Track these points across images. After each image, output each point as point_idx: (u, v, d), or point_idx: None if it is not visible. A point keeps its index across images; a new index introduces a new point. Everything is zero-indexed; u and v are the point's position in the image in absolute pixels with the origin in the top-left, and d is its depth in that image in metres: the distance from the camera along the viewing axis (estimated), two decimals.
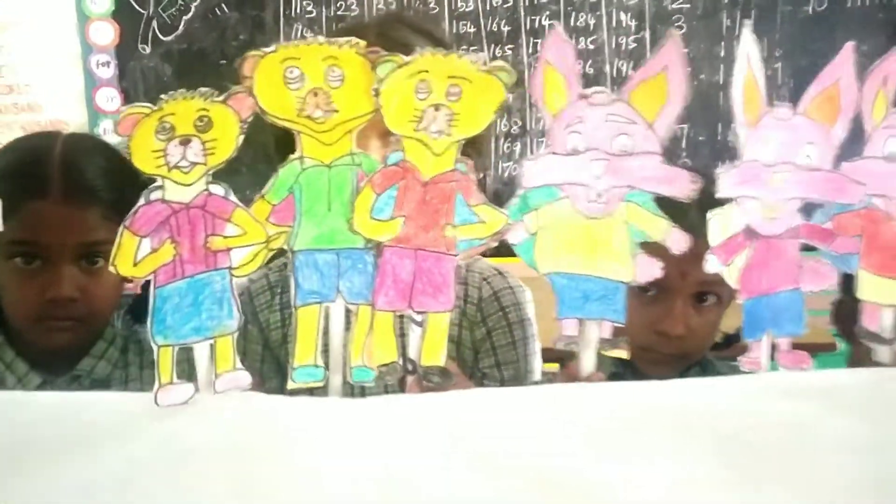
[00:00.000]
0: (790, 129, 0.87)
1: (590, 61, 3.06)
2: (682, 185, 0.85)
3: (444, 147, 0.83)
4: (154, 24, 2.95)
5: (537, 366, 1.28)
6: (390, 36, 1.15)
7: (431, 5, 3.04)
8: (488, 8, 3.07)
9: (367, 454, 0.77)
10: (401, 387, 0.89)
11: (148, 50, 2.96)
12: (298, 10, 3.02)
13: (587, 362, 0.91)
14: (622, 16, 3.08)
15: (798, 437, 0.83)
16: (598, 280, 0.88)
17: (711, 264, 0.87)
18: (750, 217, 0.88)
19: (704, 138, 3.09)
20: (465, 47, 3.11)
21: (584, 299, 0.89)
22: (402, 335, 0.86)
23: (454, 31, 3.07)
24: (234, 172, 0.82)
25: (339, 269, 0.84)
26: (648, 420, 0.85)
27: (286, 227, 0.82)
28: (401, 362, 0.86)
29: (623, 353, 0.91)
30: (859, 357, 0.96)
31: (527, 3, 3.06)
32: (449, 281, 0.85)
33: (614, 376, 1.12)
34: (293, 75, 0.80)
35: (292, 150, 0.82)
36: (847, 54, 0.88)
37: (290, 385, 0.84)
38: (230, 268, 0.82)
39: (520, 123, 3.06)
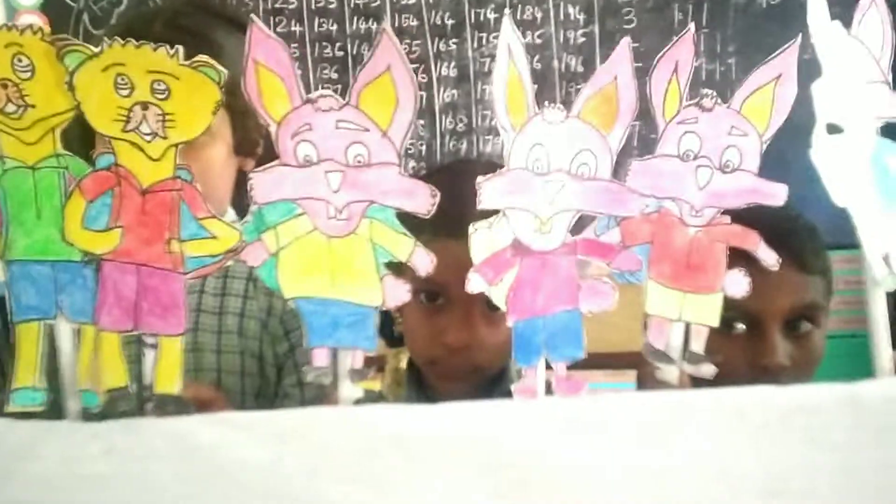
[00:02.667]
0: (563, 133, 0.79)
1: (537, 56, 2.98)
2: (423, 200, 0.78)
3: (160, 151, 0.77)
4: (85, 16, 2.88)
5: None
6: (180, 24, 1.08)
7: None
8: (431, 1, 2.99)
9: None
10: (140, 414, 0.82)
11: None
12: (235, 3, 2.95)
13: (345, 393, 0.83)
14: (570, 9, 2.99)
15: (566, 464, 0.79)
16: (348, 305, 0.81)
17: (475, 283, 0.79)
18: (519, 231, 0.80)
19: (656, 136, 2.99)
20: (407, 41, 3.05)
21: (334, 326, 0.81)
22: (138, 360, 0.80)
23: (396, 24, 2.99)
24: None
25: (55, 282, 0.77)
26: (408, 446, 0.80)
27: None
28: (134, 388, 0.80)
29: (374, 385, 0.84)
30: (645, 378, 0.88)
31: None
32: (179, 301, 0.78)
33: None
34: None
35: None
36: (623, 51, 0.81)
37: (10, 408, 0.78)
38: None
39: (465, 121, 2.98)
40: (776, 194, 0.84)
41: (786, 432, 0.81)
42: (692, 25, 0.83)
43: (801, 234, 0.95)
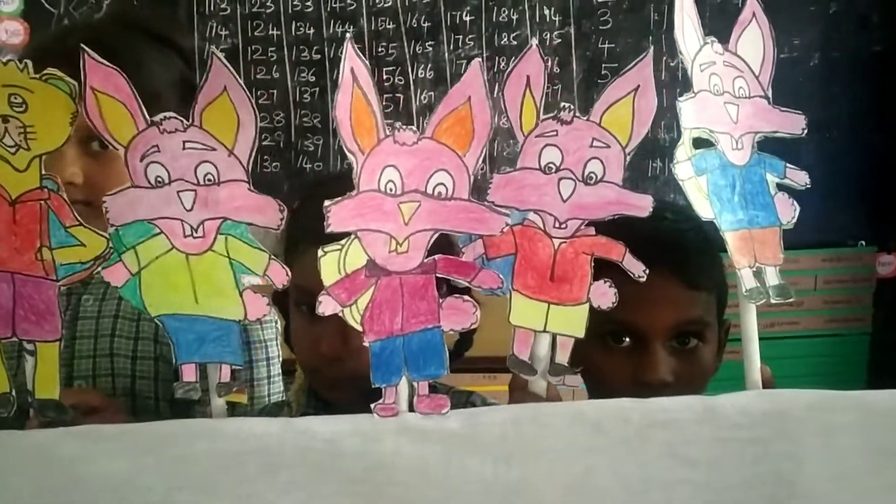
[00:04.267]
0: (415, 154, 0.80)
1: (513, 58, 2.96)
2: (272, 215, 0.79)
3: (25, 162, 0.79)
4: (65, 23, 2.91)
5: (269, 391, 1.21)
6: (99, 41, 1.08)
7: (348, 1, 2.98)
8: (407, 4, 2.99)
9: None
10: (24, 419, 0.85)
11: None
12: (212, 8, 2.96)
13: (218, 408, 0.84)
14: (545, 10, 2.98)
15: (426, 478, 0.81)
16: (212, 320, 0.82)
17: (326, 305, 0.79)
18: (374, 252, 0.80)
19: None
20: (384, 44, 3.05)
21: (200, 342, 0.82)
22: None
23: (373, 27, 3.00)
24: None
25: None
26: (272, 457, 0.82)
27: None
28: (14, 395, 0.82)
29: (241, 398, 0.85)
30: (515, 389, 0.88)
31: None
32: (53, 308, 0.81)
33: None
34: None
35: None
36: (474, 71, 0.81)
37: None
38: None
39: None
40: (641, 205, 0.84)
41: (645, 446, 0.81)
42: (535, 41, 0.82)
43: (690, 250, 0.94)
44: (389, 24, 2.97)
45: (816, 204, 3.27)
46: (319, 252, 0.79)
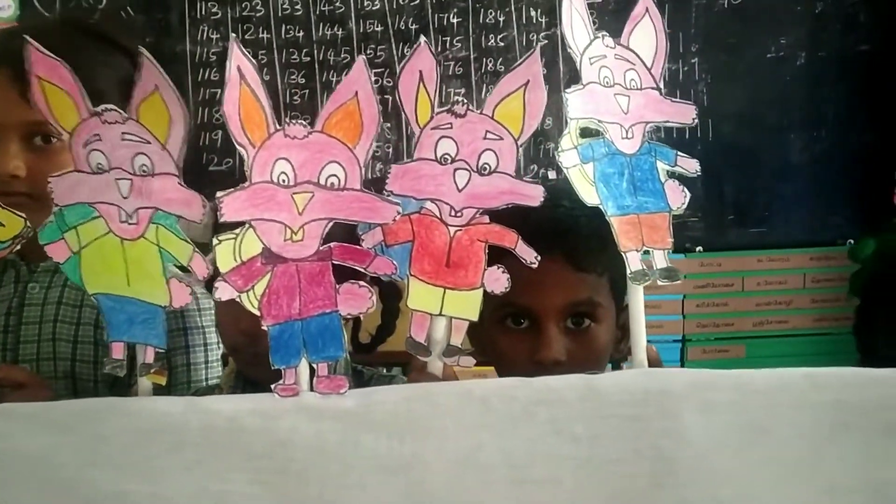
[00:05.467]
0: (307, 147, 0.84)
1: (500, 59, 3.00)
2: (196, 209, 0.84)
3: None
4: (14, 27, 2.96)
5: (206, 375, 1.25)
6: (48, 44, 1.13)
7: (337, 4, 3.02)
8: (395, 6, 3.03)
9: None
10: None
11: None
12: (204, 12, 3.02)
13: (144, 387, 0.89)
14: (532, 12, 3.01)
15: (323, 455, 0.85)
16: (141, 303, 0.87)
17: (222, 291, 0.84)
18: (269, 240, 0.84)
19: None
20: (373, 46, 3.09)
21: (130, 322, 0.88)
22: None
23: (361, 30, 3.04)
24: None
25: None
26: (178, 435, 0.86)
27: None
28: None
29: (160, 379, 0.89)
30: (413, 369, 0.92)
31: (434, 1, 3.02)
32: None
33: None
34: None
35: None
36: (360, 67, 0.85)
37: None
38: None
39: None
40: (532, 195, 0.88)
41: (530, 423, 0.85)
42: (422, 37, 0.86)
43: (581, 235, 0.98)
44: (377, 27, 3.01)
45: (805, 203, 3.29)
46: (214, 240, 0.83)
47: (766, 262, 3.00)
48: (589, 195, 0.89)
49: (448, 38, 2.97)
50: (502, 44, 2.99)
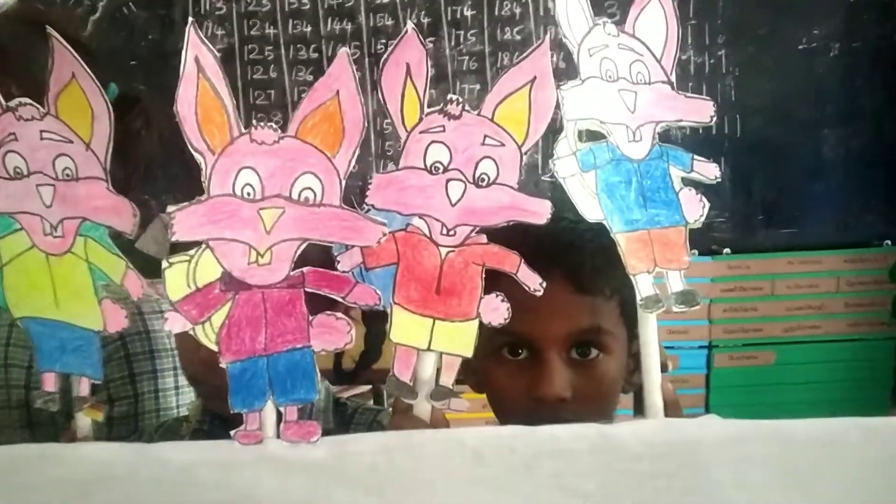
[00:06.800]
0: (276, 155, 0.72)
1: (517, 53, 2.87)
2: (127, 218, 0.73)
3: None
4: None
5: (177, 402, 1.14)
6: None
7: None
8: None
9: None
10: None
11: None
12: (208, 7, 2.93)
13: (83, 426, 0.78)
14: (550, 3, 2.88)
15: None
16: (72, 328, 0.76)
17: (173, 322, 0.72)
18: (230, 263, 0.72)
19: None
20: (383, 41, 2.99)
21: (62, 350, 0.77)
22: None
23: (371, 24, 2.93)
24: None
25: None
26: (122, 488, 0.75)
27: None
28: None
29: (98, 415, 0.78)
30: (397, 413, 0.80)
31: None
32: None
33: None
34: None
35: None
36: (342, 61, 0.72)
37: None
38: None
39: None
40: (539, 211, 0.75)
41: (531, 478, 0.73)
42: (410, 24, 0.74)
43: (586, 253, 0.85)
44: (388, 21, 2.91)
45: (838, 202, 3.15)
46: (164, 264, 0.71)
47: (797, 264, 2.87)
48: (591, 209, 0.77)
49: (462, 32, 2.85)
50: (519, 37, 2.87)
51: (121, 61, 2.94)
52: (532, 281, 0.76)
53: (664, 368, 0.80)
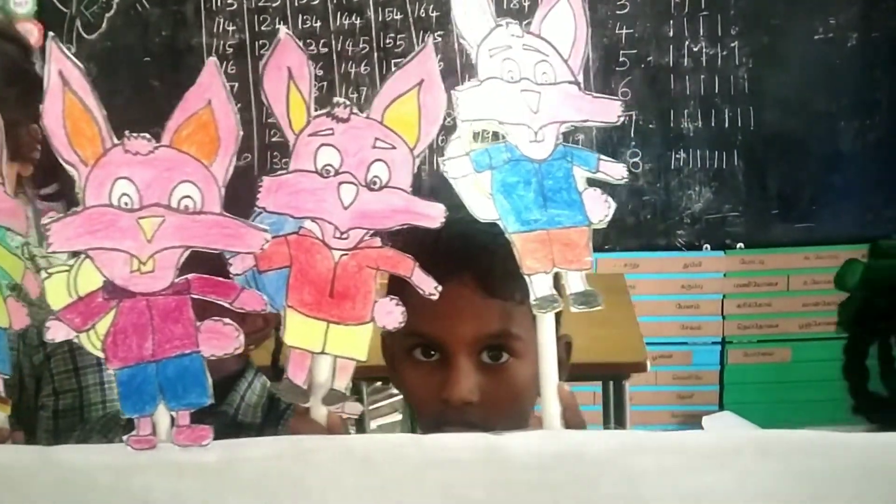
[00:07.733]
0: (152, 164, 0.72)
1: None
2: (21, 221, 0.75)
3: None
4: (77, 22, 2.93)
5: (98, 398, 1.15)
6: None
7: None
8: None
9: None
10: None
11: (73, 49, 2.93)
12: (220, 4, 2.95)
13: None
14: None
15: None
16: None
17: (55, 331, 0.72)
18: (112, 272, 0.72)
19: (655, 126, 2.83)
20: (392, 35, 2.98)
21: None
22: None
23: (380, 18, 2.93)
24: None
25: None
26: (24, 492, 0.75)
27: None
28: None
29: (6, 409, 0.78)
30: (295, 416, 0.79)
31: None
32: None
33: None
34: None
35: None
36: (211, 70, 0.72)
37: None
38: None
39: (453, 115, 2.90)
40: (432, 215, 0.74)
41: (419, 487, 0.71)
42: (283, 30, 0.73)
43: (493, 256, 0.83)
44: (397, 15, 2.90)
45: (856, 195, 3.08)
46: (43, 274, 0.71)
47: (813, 259, 2.81)
48: (484, 209, 0.75)
49: None
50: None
51: (136, 57, 2.98)
52: (427, 285, 0.75)
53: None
